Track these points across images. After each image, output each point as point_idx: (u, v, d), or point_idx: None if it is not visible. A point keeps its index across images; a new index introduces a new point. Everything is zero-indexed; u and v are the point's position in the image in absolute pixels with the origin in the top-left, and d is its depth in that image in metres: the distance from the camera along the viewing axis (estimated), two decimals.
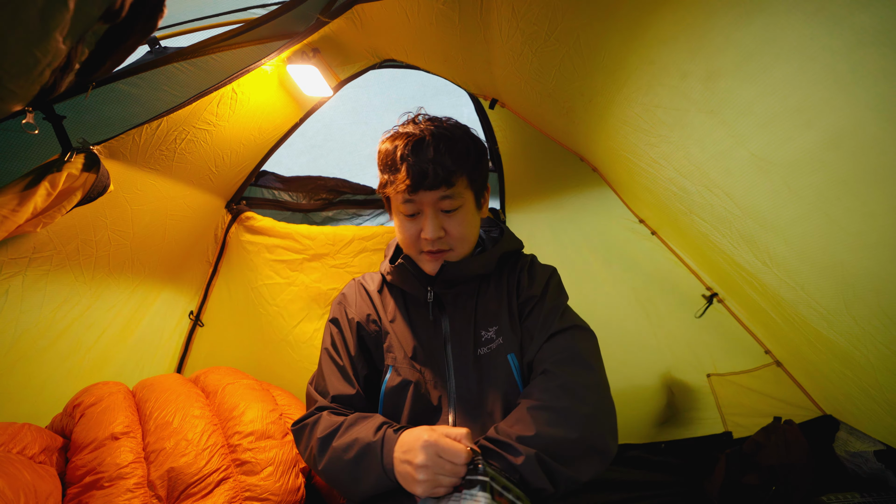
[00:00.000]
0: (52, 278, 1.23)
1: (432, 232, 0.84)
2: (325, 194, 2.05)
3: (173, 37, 1.21)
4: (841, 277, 0.92)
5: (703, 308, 1.75)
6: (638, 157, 1.29)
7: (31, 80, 0.45)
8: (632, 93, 1.09)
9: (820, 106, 0.73)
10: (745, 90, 0.82)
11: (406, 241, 0.90)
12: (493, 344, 0.88)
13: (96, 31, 0.49)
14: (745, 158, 0.92)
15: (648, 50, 0.95)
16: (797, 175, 0.84)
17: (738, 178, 0.98)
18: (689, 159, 1.08)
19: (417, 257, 0.91)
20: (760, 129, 0.84)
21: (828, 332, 1.09)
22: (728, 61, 0.81)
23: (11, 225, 0.87)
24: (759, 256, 1.11)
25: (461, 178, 0.85)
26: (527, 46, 1.19)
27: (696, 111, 0.95)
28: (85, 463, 1.08)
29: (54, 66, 0.46)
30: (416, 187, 0.82)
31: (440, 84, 1.92)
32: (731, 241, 1.17)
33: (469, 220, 0.89)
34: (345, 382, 0.90)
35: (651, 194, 1.44)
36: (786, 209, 0.92)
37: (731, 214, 1.09)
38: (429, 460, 0.69)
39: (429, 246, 0.87)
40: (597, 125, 1.38)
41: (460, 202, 0.86)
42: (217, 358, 1.87)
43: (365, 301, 1.00)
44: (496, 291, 0.94)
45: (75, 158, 1.00)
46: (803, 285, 1.04)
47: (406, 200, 0.85)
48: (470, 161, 0.87)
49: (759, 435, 1.54)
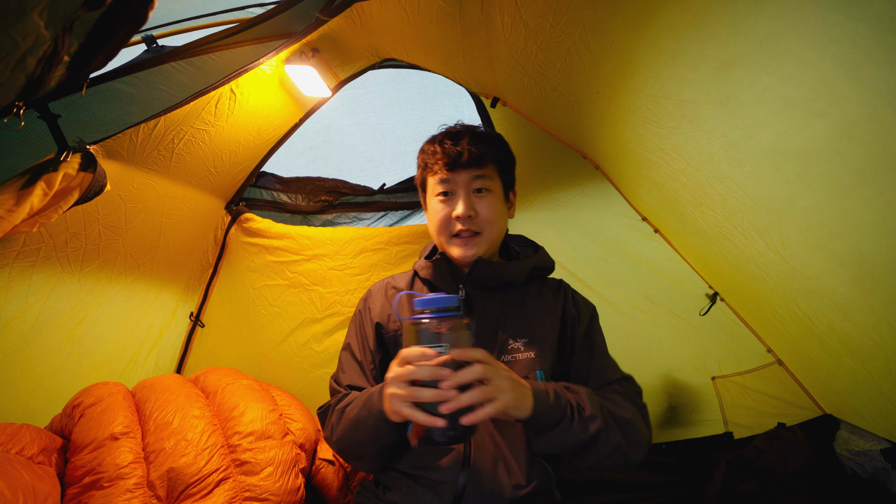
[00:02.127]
0: (38, 268, 1.23)
1: (464, 208, 0.90)
2: (324, 196, 2.05)
3: (171, 35, 1.20)
4: (858, 266, 0.91)
5: (707, 307, 1.74)
6: (647, 149, 1.27)
7: (11, 66, 0.44)
8: (640, 83, 1.08)
9: (833, 95, 0.72)
10: (757, 80, 0.81)
11: (438, 225, 0.94)
12: (519, 354, 0.89)
13: (84, 20, 0.47)
14: (758, 148, 0.91)
15: (657, 40, 0.94)
16: (811, 165, 0.84)
17: (751, 168, 0.97)
18: (700, 150, 1.07)
19: (448, 243, 0.94)
20: (772, 119, 0.84)
21: (842, 323, 1.08)
22: (739, 51, 0.80)
23: (7, 225, 0.87)
24: (771, 247, 1.10)
25: (492, 165, 0.94)
26: (531, 39, 1.19)
27: (706, 101, 0.94)
28: (84, 463, 1.08)
29: (38, 54, 0.45)
30: (452, 165, 0.91)
31: (441, 85, 1.92)
32: (741, 231, 1.16)
33: (498, 206, 0.94)
34: (362, 377, 0.94)
35: (658, 188, 1.43)
36: (800, 199, 0.91)
37: (742, 205, 1.08)
38: (396, 366, 0.71)
39: (460, 225, 0.91)
40: (603, 117, 1.36)
41: (491, 185, 0.94)
42: (217, 358, 1.87)
43: (391, 300, 1.01)
44: (535, 306, 0.96)
45: (71, 158, 1.00)
46: (819, 275, 1.03)
47: (442, 180, 0.93)
48: (500, 150, 0.97)
49: (761, 441, 1.53)
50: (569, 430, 0.74)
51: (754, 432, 1.64)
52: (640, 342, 1.85)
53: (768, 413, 1.65)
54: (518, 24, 1.15)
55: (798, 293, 1.16)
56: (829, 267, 0.99)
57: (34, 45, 0.43)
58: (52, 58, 0.47)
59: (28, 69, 0.46)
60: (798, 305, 1.20)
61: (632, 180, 1.66)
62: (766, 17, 0.73)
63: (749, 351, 1.72)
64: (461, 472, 0.81)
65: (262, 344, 1.91)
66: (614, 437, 0.77)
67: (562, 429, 0.74)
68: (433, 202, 0.96)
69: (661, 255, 1.82)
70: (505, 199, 0.98)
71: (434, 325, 0.69)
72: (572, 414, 0.75)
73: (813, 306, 1.14)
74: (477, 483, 0.80)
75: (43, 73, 0.48)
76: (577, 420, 0.74)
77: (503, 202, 0.97)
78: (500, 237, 0.97)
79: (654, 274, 1.85)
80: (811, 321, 1.19)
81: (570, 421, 0.74)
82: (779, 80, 0.78)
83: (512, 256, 1.04)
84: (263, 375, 1.71)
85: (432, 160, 0.94)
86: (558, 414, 0.74)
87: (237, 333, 1.94)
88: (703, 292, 1.77)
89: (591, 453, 0.77)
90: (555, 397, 0.75)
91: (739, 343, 1.73)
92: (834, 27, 0.66)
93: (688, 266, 1.79)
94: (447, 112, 2.00)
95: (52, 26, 0.42)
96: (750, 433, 1.66)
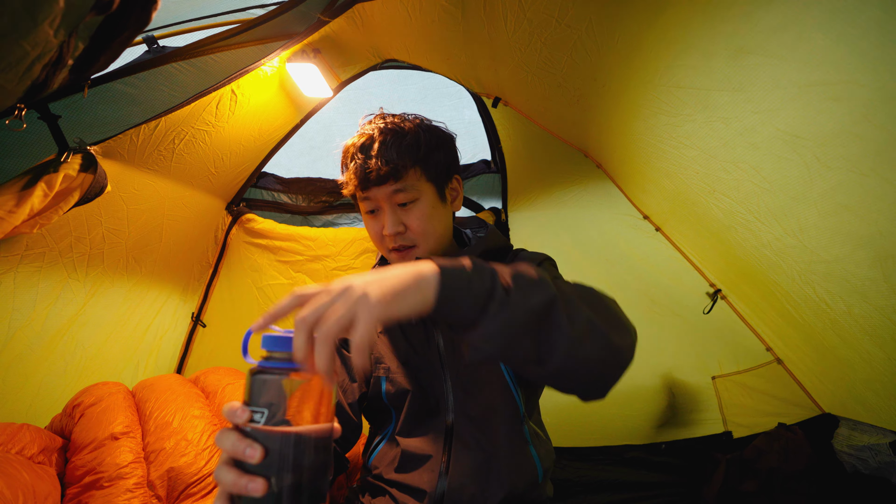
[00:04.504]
0: (45, 275, 1.23)
1: (391, 227, 0.84)
2: (325, 196, 2.05)
3: (172, 36, 1.20)
4: (880, 246, 0.91)
5: (710, 305, 1.74)
6: (658, 140, 1.27)
7: (20, 75, 0.44)
8: (650, 75, 1.08)
9: (849, 80, 0.72)
10: (772, 66, 0.81)
11: (374, 241, 0.90)
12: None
13: (89, 23, 0.47)
14: (774, 133, 0.91)
15: (666, 31, 0.94)
16: (829, 148, 0.84)
17: (767, 153, 0.97)
18: (715, 136, 1.07)
19: (388, 256, 0.90)
20: (788, 104, 0.84)
21: (861, 306, 1.08)
22: (753, 38, 0.80)
23: (8, 226, 0.87)
24: (788, 231, 1.10)
25: (412, 171, 0.84)
26: (535, 36, 1.18)
27: (721, 89, 0.94)
28: (84, 463, 1.08)
29: (45, 60, 0.45)
30: (364, 185, 0.83)
31: (441, 86, 1.92)
32: (757, 216, 1.16)
33: (430, 213, 0.86)
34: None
35: (668, 178, 1.43)
36: (818, 181, 0.91)
37: (759, 189, 1.08)
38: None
39: (391, 242, 0.86)
40: (610, 111, 1.36)
41: (415, 195, 0.84)
42: (217, 358, 1.88)
43: None
44: None
45: (72, 159, 1.00)
46: (838, 258, 1.03)
47: (362, 199, 0.86)
48: (420, 152, 0.85)
49: (762, 440, 1.53)
50: (507, 303, 0.49)
51: (753, 431, 1.64)
52: (640, 342, 1.83)
53: (767, 412, 1.65)
54: (522, 20, 1.15)
55: (816, 277, 1.15)
56: (849, 249, 0.98)
57: (42, 53, 0.43)
58: (56, 63, 0.47)
59: (34, 75, 0.46)
60: (814, 290, 1.19)
61: (637, 174, 1.65)
62: (778, 4, 0.73)
63: (748, 349, 1.72)
64: (440, 479, 0.79)
65: None
66: (581, 310, 0.54)
67: (497, 304, 0.48)
68: (364, 217, 0.90)
69: (663, 254, 1.82)
70: (440, 198, 0.89)
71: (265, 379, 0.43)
72: (507, 281, 0.51)
73: (830, 290, 1.14)
74: (457, 488, 0.78)
75: (47, 77, 0.48)
76: (515, 288, 0.50)
77: (438, 204, 0.88)
78: (441, 240, 0.89)
79: (654, 273, 1.85)
80: (828, 305, 1.19)
81: (506, 291, 0.49)
82: (794, 65, 0.78)
83: (465, 244, 0.96)
84: None
85: (348, 176, 0.86)
86: (485, 285, 0.49)
87: (238, 333, 1.94)
88: (704, 290, 1.77)
89: (556, 339, 0.51)
90: (473, 266, 0.50)
91: (740, 341, 1.73)
92: (847, 12, 0.66)
93: (689, 264, 1.78)
94: (448, 112, 2.00)
95: (60, 33, 0.42)
96: (749, 432, 1.66)
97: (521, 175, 2.02)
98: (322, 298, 0.43)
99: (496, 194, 2.09)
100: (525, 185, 2.03)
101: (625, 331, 0.62)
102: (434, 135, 0.90)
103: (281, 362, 0.44)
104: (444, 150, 0.90)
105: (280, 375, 0.42)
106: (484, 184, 2.07)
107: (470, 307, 0.49)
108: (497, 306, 0.48)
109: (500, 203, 2.08)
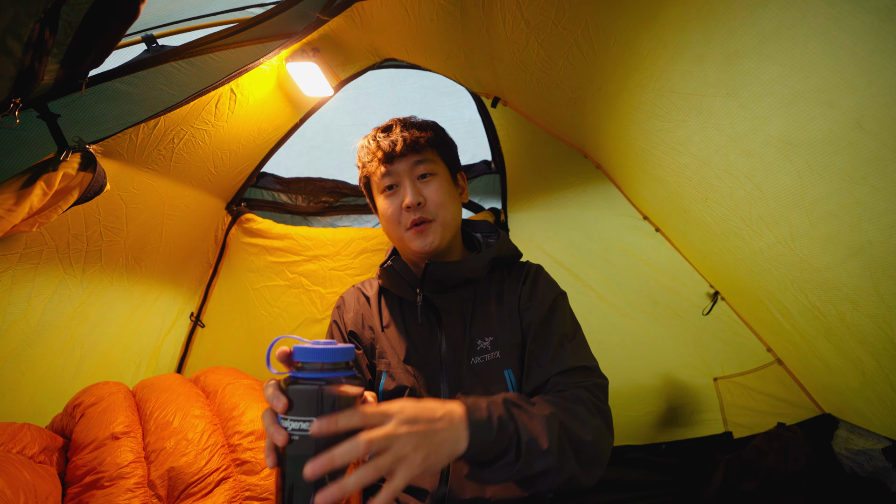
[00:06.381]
0: (41, 270, 1.22)
1: (412, 196, 0.88)
2: (325, 196, 2.05)
3: (171, 35, 1.20)
4: (869, 256, 0.91)
5: (710, 306, 1.74)
6: (652, 145, 1.27)
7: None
8: (644, 78, 1.08)
9: (842, 86, 0.72)
10: (765, 71, 0.81)
11: (390, 220, 0.92)
12: (487, 355, 0.85)
13: (71, 10, 0.46)
14: (767, 139, 0.91)
15: (661, 34, 0.94)
16: (821, 155, 0.83)
17: (759, 159, 0.97)
18: (708, 142, 1.07)
19: (403, 238, 0.91)
20: (782, 110, 0.84)
21: (852, 314, 1.08)
22: (746, 43, 0.80)
23: (7, 225, 0.87)
24: (780, 239, 1.10)
25: (431, 148, 0.92)
26: (532, 37, 1.18)
27: (713, 94, 0.94)
28: (85, 462, 1.08)
29: (22, 37, 0.42)
30: (390, 156, 0.89)
31: (441, 86, 1.91)
32: (749, 224, 1.16)
33: (446, 189, 0.92)
34: None
35: (661, 184, 1.42)
36: (810, 190, 0.91)
37: (751, 197, 1.07)
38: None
39: (411, 215, 0.89)
40: (607, 114, 1.36)
41: (435, 169, 0.92)
42: (217, 358, 1.87)
43: (363, 307, 0.99)
44: (496, 301, 0.91)
45: (71, 158, 0.99)
46: (829, 266, 1.03)
47: (384, 174, 0.91)
48: (437, 132, 0.94)
49: (761, 440, 1.53)
50: (513, 466, 0.62)
51: (753, 432, 1.64)
52: (641, 342, 1.85)
53: (767, 412, 1.65)
54: (519, 21, 1.15)
55: (808, 285, 1.15)
56: (840, 258, 0.98)
57: (12, 24, 0.40)
58: (39, 45, 0.45)
59: (15, 55, 0.44)
60: (807, 297, 1.19)
61: (634, 178, 1.66)
62: (772, 9, 0.73)
63: (750, 351, 1.72)
64: (441, 480, 0.79)
65: (263, 344, 1.90)
66: (569, 469, 0.65)
67: (504, 464, 0.62)
68: (380, 200, 0.93)
69: (663, 255, 1.82)
70: (453, 182, 0.96)
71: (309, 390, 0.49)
72: (518, 448, 0.62)
73: (822, 298, 1.14)
74: (459, 489, 0.78)
75: (33, 63, 0.47)
76: (524, 456, 0.62)
77: (452, 185, 0.94)
78: (455, 221, 0.93)
79: (655, 273, 1.85)
80: (820, 313, 1.19)
81: (517, 457, 0.62)
82: (787, 71, 0.78)
83: (475, 247, 0.99)
84: (264, 375, 1.70)
85: (370, 157, 0.92)
86: (500, 447, 0.61)
87: (237, 333, 1.95)
88: (704, 291, 1.77)
89: (538, 486, 0.65)
90: (498, 429, 0.61)
91: (740, 342, 1.73)
92: (841, 18, 0.66)
93: (689, 265, 1.78)
94: (447, 112, 2.00)
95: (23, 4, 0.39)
96: (749, 433, 1.66)
97: (520, 175, 2.02)
98: (381, 442, 0.50)
99: (496, 194, 2.09)
100: (525, 185, 2.03)
101: (599, 468, 0.71)
102: (443, 130, 0.98)
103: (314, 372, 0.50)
104: (452, 144, 0.98)
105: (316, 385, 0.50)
106: (484, 184, 2.07)
107: (482, 460, 0.61)
108: (503, 467, 0.62)
109: (500, 203, 2.08)
